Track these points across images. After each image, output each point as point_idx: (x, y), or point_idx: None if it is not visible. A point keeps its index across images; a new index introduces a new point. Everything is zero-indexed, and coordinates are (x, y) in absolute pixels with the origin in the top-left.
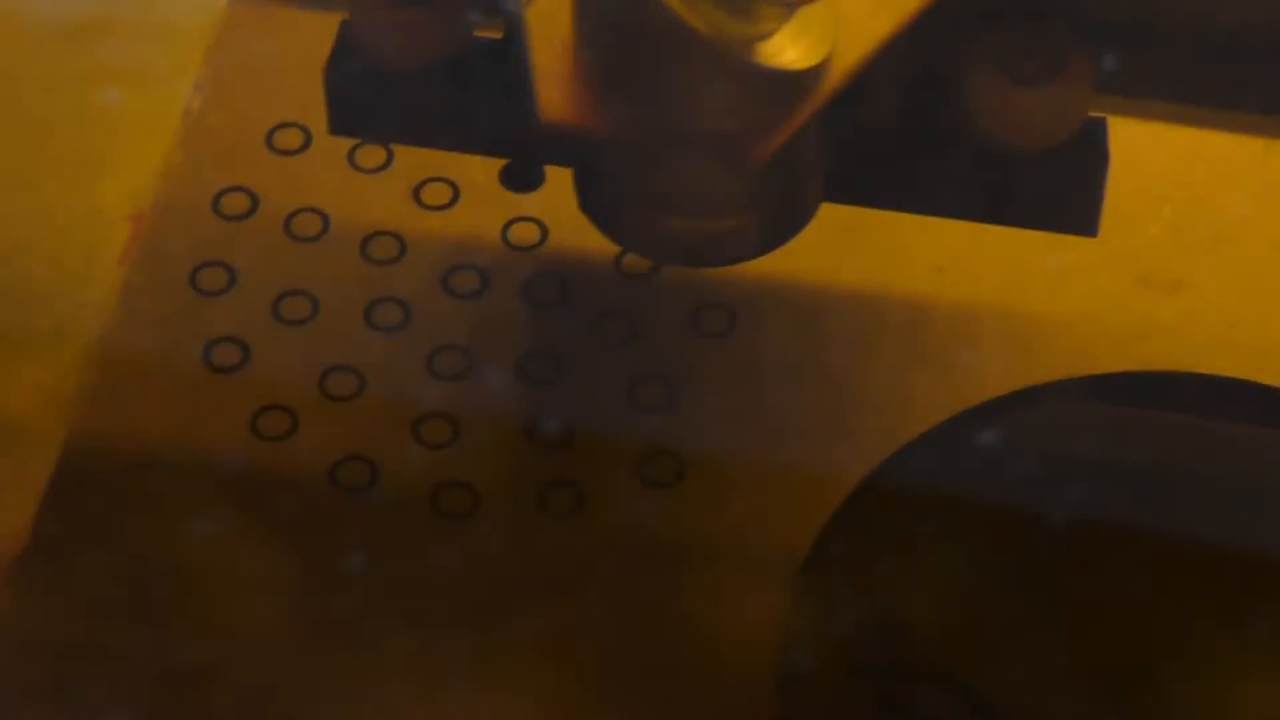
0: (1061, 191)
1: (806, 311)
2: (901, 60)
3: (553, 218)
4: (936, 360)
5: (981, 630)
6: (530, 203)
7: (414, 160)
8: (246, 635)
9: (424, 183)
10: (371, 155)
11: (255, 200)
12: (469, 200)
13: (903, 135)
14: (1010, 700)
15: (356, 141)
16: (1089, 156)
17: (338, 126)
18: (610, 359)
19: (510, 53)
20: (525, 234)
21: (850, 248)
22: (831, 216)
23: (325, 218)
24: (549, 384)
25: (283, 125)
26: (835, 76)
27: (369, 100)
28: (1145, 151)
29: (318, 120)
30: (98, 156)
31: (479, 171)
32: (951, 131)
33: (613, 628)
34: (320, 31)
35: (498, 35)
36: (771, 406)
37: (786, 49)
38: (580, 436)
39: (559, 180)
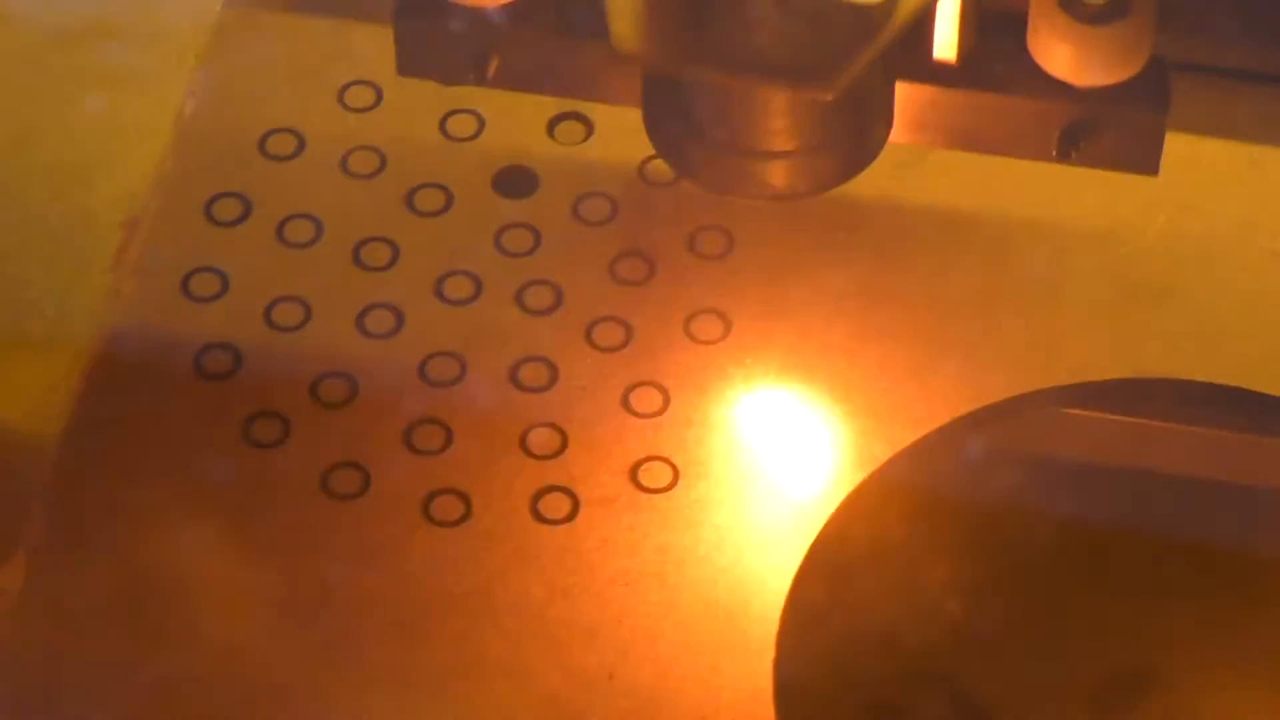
0: (1124, 130)
1: (799, 319)
2: None
3: (546, 224)
4: (929, 368)
5: (973, 638)
6: (523, 209)
7: (406, 166)
8: (233, 645)
9: (417, 188)
10: (364, 161)
11: (248, 206)
12: (462, 206)
13: (967, 73)
14: (1003, 708)
15: (349, 147)
16: (1151, 96)
17: (405, 68)
18: (603, 366)
19: None
20: (518, 240)
21: (843, 255)
22: (825, 220)
23: (318, 223)
24: (542, 390)
25: (275, 131)
26: (904, 12)
27: (437, 41)
28: None
29: (311, 126)
30: (90, 162)
31: (472, 177)
32: (1016, 70)
33: (606, 634)
34: (313, 37)
35: None
36: (765, 413)
37: None
38: (573, 443)
39: (551, 187)
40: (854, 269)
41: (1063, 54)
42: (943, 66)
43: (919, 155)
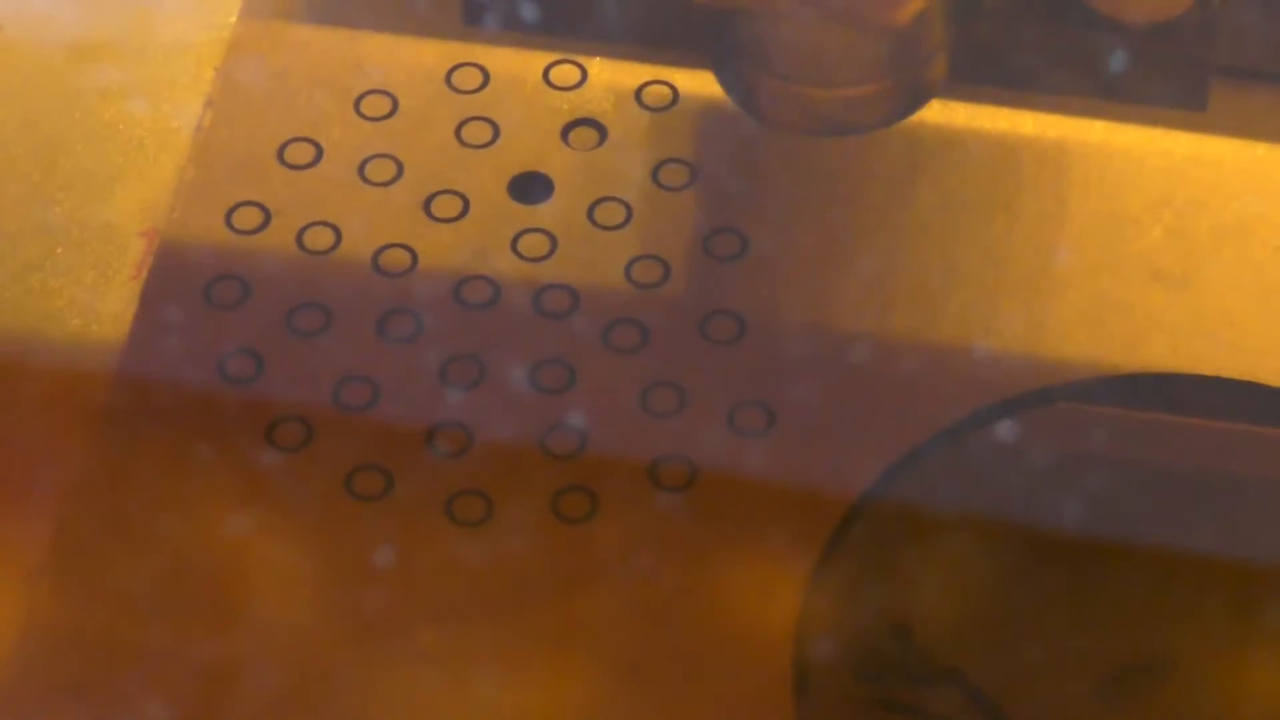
0: (1172, 66)
1: (816, 314)
2: None
3: (562, 229)
4: (947, 362)
5: (992, 629)
6: (540, 214)
7: (423, 173)
8: (264, 634)
9: (434, 195)
10: (381, 169)
11: (268, 214)
12: (479, 212)
13: (1019, 10)
14: (1019, 701)
15: (367, 156)
16: (1200, 30)
17: (470, 16)
18: (622, 366)
19: None
20: (535, 245)
21: (855, 253)
22: (837, 219)
23: (337, 231)
24: (561, 392)
25: (294, 140)
26: None
27: None
28: (1147, 155)
29: (328, 134)
30: (111, 173)
31: (488, 183)
32: (1066, 6)
33: (629, 626)
34: (329, 47)
35: None
36: (783, 409)
37: None
38: (593, 443)
39: (566, 192)
40: (866, 266)
41: None
42: (995, 3)
43: (927, 153)
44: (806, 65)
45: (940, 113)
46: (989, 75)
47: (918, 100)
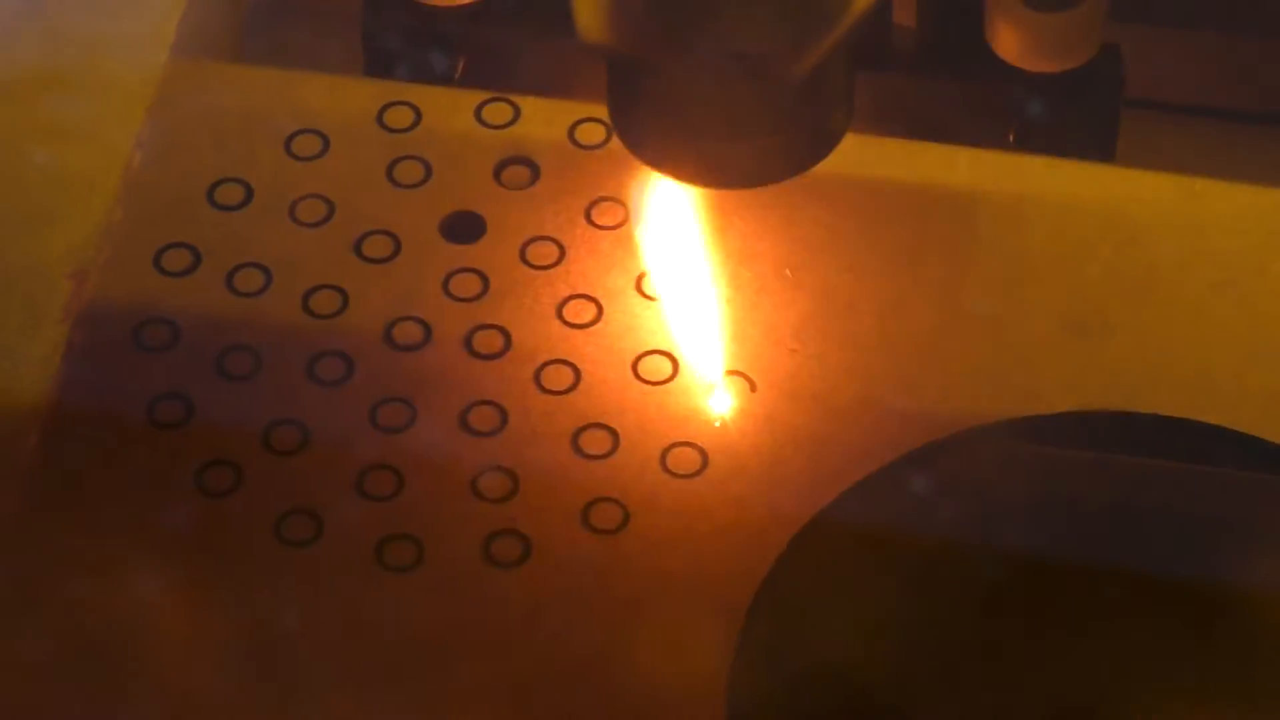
0: (1078, 116)
1: (746, 359)
2: None
3: (494, 268)
4: (876, 405)
5: (924, 673)
6: (471, 254)
7: (354, 213)
8: (192, 694)
9: (365, 235)
10: (312, 209)
11: (197, 256)
12: (410, 253)
13: (924, 60)
14: None
15: (297, 196)
16: (1104, 81)
17: (373, 68)
18: (553, 408)
19: None
20: (466, 286)
21: (790, 296)
22: (773, 261)
23: (267, 272)
24: (492, 434)
25: (224, 181)
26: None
27: (404, 41)
28: (1081, 193)
29: (259, 175)
30: (38, 214)
31: (420, 223)
32: (972, 57)
33: (560, 676)
34: (259, 87)
35: None
36: (714, 452)
37: None
38: (525, 486)
39: (498, 231)
40: (801, 309)
41: (1018, 41)
42: (902, 54)
43: (865, 193)
44: (705, 118)
45: (858, 164)
46: (898, 126)
47: (818, 153)
